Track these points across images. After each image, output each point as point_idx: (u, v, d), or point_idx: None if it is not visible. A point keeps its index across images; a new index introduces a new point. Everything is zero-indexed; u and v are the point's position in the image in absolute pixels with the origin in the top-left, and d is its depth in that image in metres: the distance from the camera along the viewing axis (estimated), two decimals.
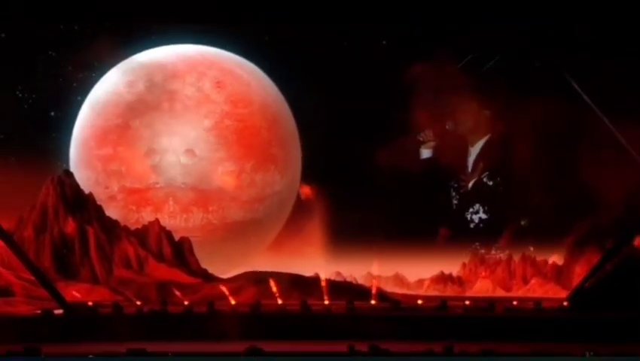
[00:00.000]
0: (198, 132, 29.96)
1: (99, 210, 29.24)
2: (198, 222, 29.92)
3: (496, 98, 29.23)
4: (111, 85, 30.38)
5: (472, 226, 30.65)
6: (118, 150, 29.98)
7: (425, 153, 30.25)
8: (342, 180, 30.08)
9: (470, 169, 30.50)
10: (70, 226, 28.64)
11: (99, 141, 30.15)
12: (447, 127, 30.24)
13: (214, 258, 29.55)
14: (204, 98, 30.22)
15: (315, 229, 30.17)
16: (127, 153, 29.95)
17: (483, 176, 30.24)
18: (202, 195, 29.90)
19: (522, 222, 30.24)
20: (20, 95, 30.10)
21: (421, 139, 30.17)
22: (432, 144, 30.23)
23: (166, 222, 29.62)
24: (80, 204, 29.09)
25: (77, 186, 29.31)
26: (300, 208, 30.62)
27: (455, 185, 30.67)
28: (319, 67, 29.48)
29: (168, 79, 30.31)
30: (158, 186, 29.80)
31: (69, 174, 29.53)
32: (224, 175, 29.91)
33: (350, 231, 29.96)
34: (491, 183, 30.28)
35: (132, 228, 29.32)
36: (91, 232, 28.67)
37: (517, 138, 29.18)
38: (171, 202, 29.78)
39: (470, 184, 30.45)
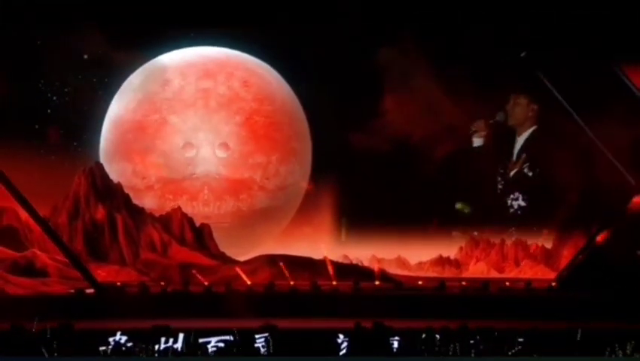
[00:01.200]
0: (231, 127, 30.18)
1: (127, 198, 29.46)
2: (229, 209, 30.13)
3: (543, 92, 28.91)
4: (144, 83, 30.41)
5: (511, 211, 30.59)
6: (156, 143, 30.18)
7: (477, 141, 30.29)
8: (349, 169, 30.18)
9: (515, 158, 30.48)
10: (100, 213, 28.83)
11: (138, 135, 30.30)
12: (497, 117, 30.14)
13: (238, 242, 29.77)
14: (234, 95, 30.39)
15: (324, 216, 30.35)
16: (165, 146, 30.15)
17: (524, 167, 30.22)
18: (234, 185, 30.11)
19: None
20: (43, 88, 29.94)
21: (473, 129, 30.20)
22: (484, 133, 30.25)
23: (201, 209, 29.83)
24: (110, 193, 29.32)
25: (106, 176, 29.48)
26: (311, 196, 30.76)
27: (502, 170, 30.64)
28: (326, 64, 29.40)
29: (200, 78, 30.47)
30: (194, 176, 30.01)
31: (99, 166, 29.70)
32: (253, 166, 30.14)
33: (356, 217, 30.10)
34: (530, 174, 30.24)
35: (157, 215, 29.57)
36: (119, 219, 28.90)
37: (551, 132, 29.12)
38: (206, 191, 29.96)
39: (512, 173, 30.44)
